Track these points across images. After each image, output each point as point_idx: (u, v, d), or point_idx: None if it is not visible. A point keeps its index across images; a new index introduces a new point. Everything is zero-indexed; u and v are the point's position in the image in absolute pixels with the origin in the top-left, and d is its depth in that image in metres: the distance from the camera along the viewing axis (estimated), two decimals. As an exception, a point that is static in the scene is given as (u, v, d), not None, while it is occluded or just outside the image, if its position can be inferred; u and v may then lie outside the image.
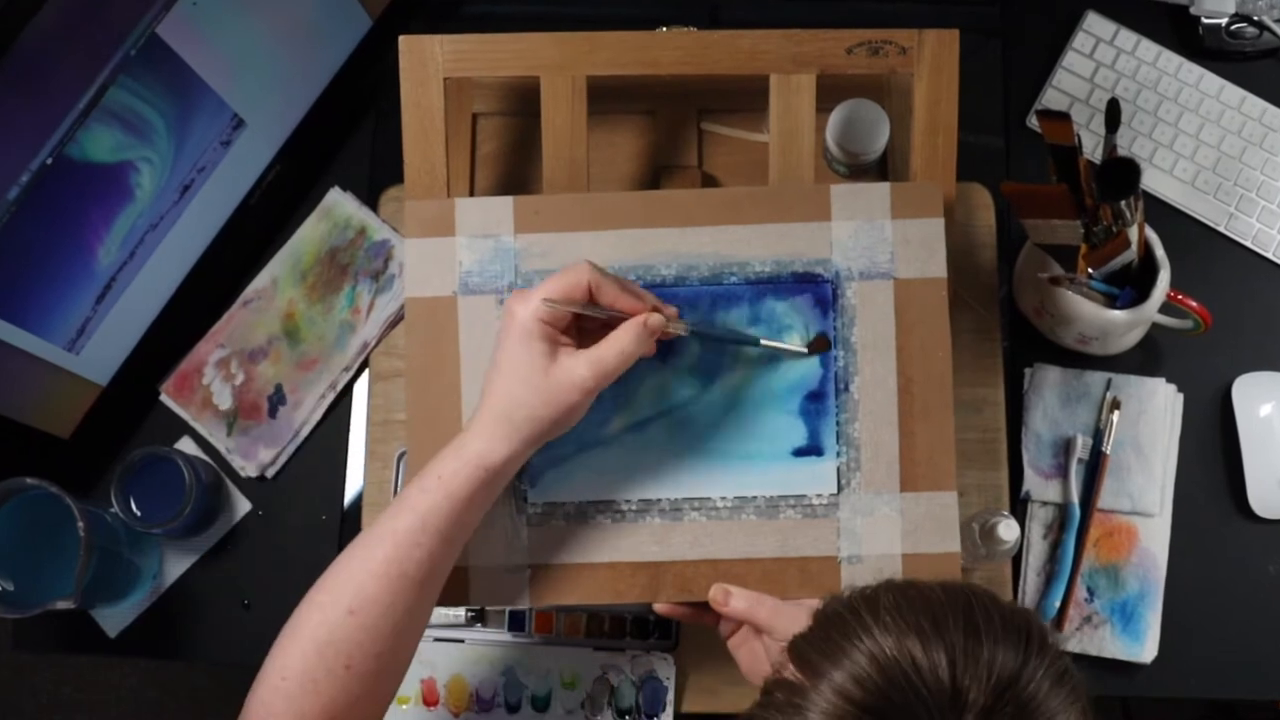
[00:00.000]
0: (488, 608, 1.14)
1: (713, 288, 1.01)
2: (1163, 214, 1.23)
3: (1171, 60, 1.26)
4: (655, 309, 0.94)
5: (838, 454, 1.00)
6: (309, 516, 1.20)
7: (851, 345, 1.00)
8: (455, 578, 0.98)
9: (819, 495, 1.00)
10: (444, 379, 1.01)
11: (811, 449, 1.00)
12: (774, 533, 1.00)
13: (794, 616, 0.93)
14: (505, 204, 1.01)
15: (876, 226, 1.00)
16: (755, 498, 1.00)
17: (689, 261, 1.01)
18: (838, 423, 1.00)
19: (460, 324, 1.01)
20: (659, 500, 1.00)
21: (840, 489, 1.00)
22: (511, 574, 1.00)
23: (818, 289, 1.00)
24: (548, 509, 1.00)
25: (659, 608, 1.00)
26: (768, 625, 0.95)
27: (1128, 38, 1.26)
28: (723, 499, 1.00)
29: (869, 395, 1.00)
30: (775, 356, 1.00)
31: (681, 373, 1.00)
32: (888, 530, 1.00)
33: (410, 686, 1.14)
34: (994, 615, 0.69)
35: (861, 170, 1.18)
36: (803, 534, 1.00)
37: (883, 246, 1.00)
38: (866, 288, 1.00)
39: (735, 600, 0.97)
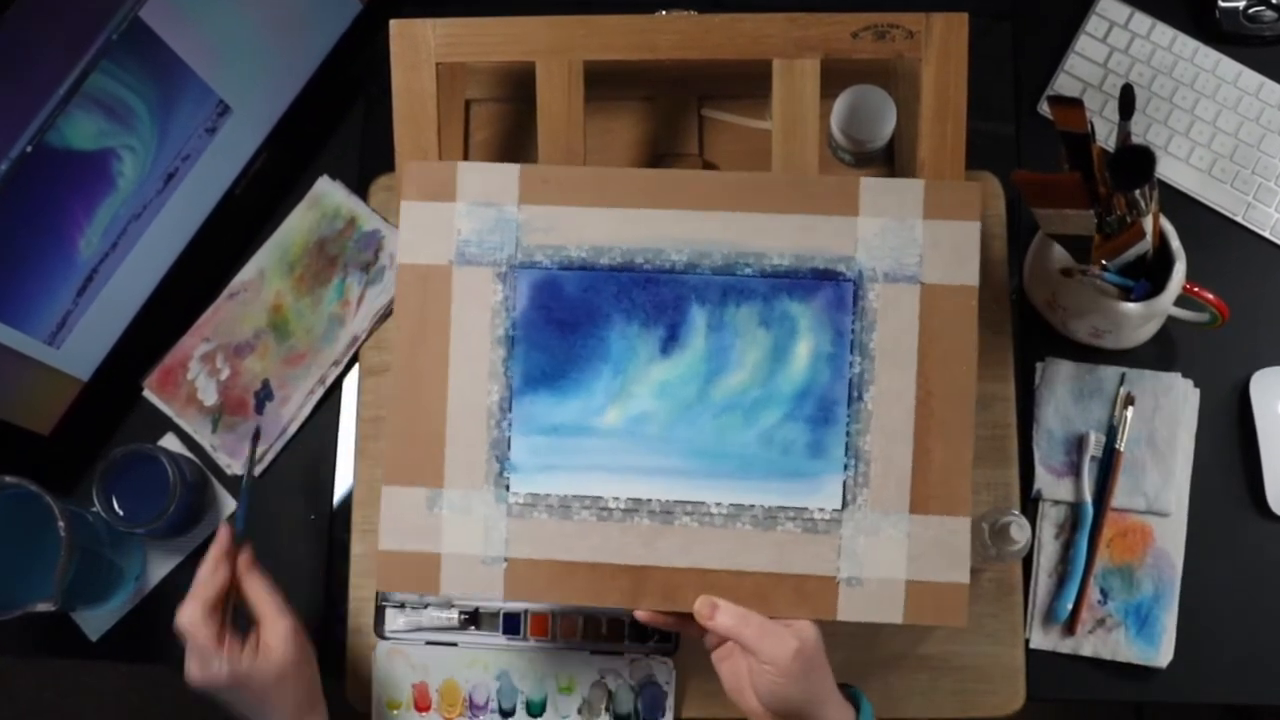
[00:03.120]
0: (457, 598, 1.13)
1: (725, 278, 0.98)
2: (1178, 203, 1.23)
3: (1188, 44, 1.26)
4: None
5: (845, 467, 0.98)
6: (297, 516, 1.20)
7: (869, 351, 0.98)
8: (425, 564, 0.98)
9: (821, 510, 0.98)
10: (433, 350, 1.00)
11: (817, 459, 0.98)
12: (770, 545, 0.98)
13: (782, 639, 0.92)
14: (511, 171, 1.00)
15: (907, 226, 0.98)
16: (753, 506, 0.98)
17: (702, 248, 0.99)
18: (848, 433, 0.98)
19: (454, 295, 1.00)
20: (650, 500, 0.99)
21: (845, 505, 0.98)
22: (487, 565, 0.99)
23: (837, 288, 0.98)
24: (530, 500, 0.99)
25: (640, 614, 0.98)
26: (753, 646, 0.92)
27: (1142, 21, 1.27)
28: (718, 505, 0.98)
29: (884, 407, 0.97)
30: (786, 356, 0.98)
31: (685, 365, 0.99)
32: (892, 553, 0.97)
33: (402, 691, 1.14)
34: None
35: (867, 159, 1.18)
36: (800, 549, 0.97)
37: (911, 248, 0.98)
38: (890, 291, 0.98)
39: (722, 615, 0.94)
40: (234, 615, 1.01)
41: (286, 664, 0.99)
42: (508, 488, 0.99)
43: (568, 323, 0.99)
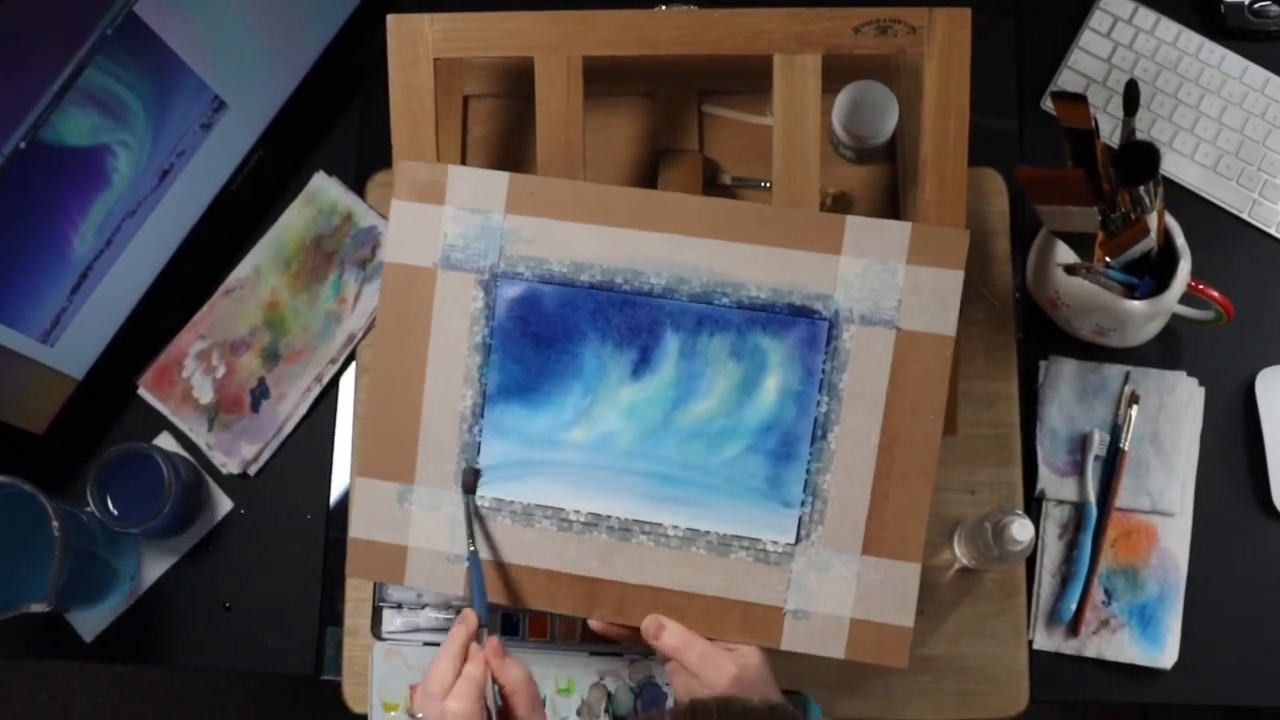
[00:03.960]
0: (421, 590, 1.14)
1: (701, 306, 0.99)
2: (1183, 200, 1.23)
3: (1192, 40, 1.26)
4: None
5: (802, 503, 0.99)
6: (293, 516, 1.20)
7: (838, 392, 0.98)
8: (392, 555, 1.01)
9: (775, 542, 0.99)
10: (411, 350, 1.01)
11: (775, 493, 0.99)
12: (721, 571, 0.99)
13: (721, 666, 0.94)
14: (500, 180, 1.00)
15: (888, 269, 0.97)
16: (708, 532, 0.99)
17: (681, 273, 0.99)
18: (808, 471, 0.98)
19: (436, 298, 1.01)
20: (609, 517, 1.00)
21: (799, 539, 0.99)
22: (451, 563, 1.01)
23: (812, 326, 0.98)
24: (495, 504, 1.01)
25: (593, 624, 1.01)
26: (694, 669, 0.95)
27: (1147, 16, 1.27)
28: (674, 528, 1.00)
29: (846, 448, 0.98)
30: (754, 389, 0.99)
31: (654, 390, 1.00)
32: (840, 591, 0.98)
33: (399, 693, 1.14)
34: None
35: (869, 155, 1.18)
36: (751, 578, 0.99)
37: (890, 292, 0.97)
38: (865, 333, 0.98)
39: (667, 636, 0.97)
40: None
41: None
42: (475, 490, 1.01)
43: (544, 336, 1.00)
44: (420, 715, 0.91)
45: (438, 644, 1.14)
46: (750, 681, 0.94)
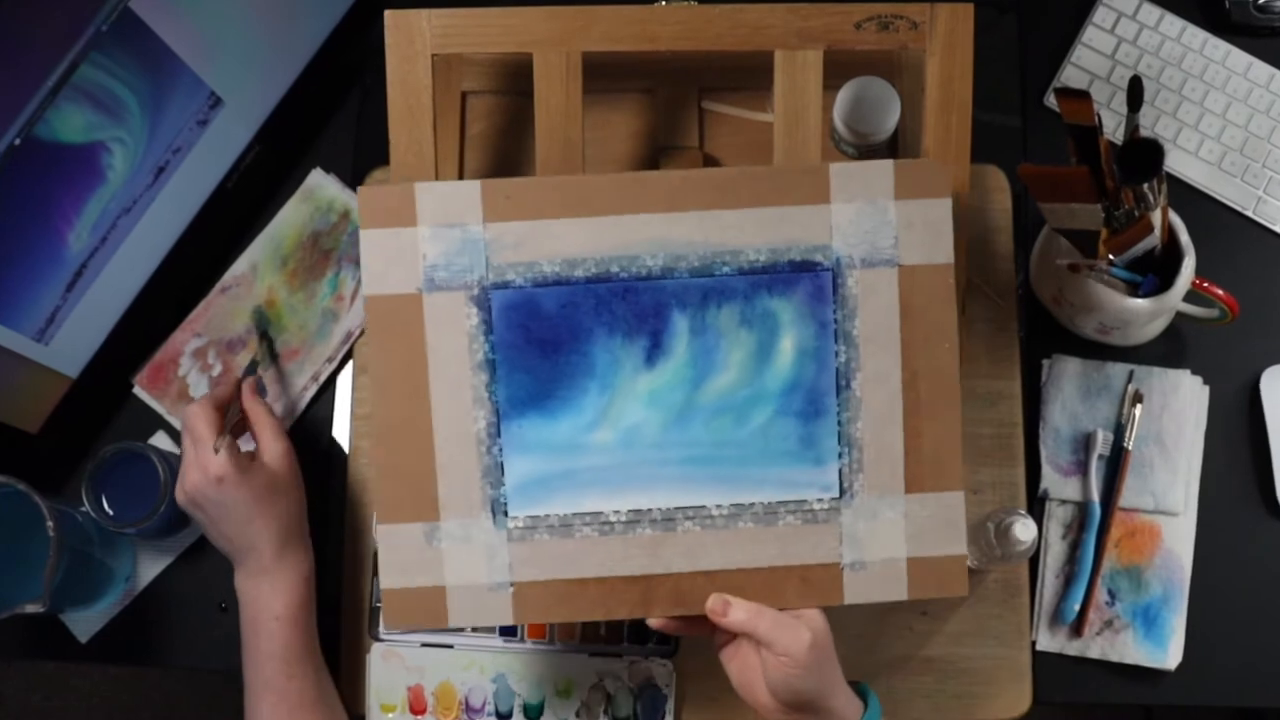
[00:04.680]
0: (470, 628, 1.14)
1: (704, 280, 0.98)
2: (1187, 197, 1.24)
3: (1197, 36, 1.26)
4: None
5: (839, 456, 0.99)
6: (290, 515, 1.20)
7: (853, 339, 0.99)
8: (431, 598, 0.98)
9: (820, 500, 0.99)
10: (411, 382, 0.98)
11: (811, 452, 0.99)
12: (772, 540, 0.99)
13: (796, 633, 0.93)
14: (472, 189, 0.98)
15: (879, 208, 0.98)
16: (753, 504, 0.99)
17: (677, 251, 0.98)
18: (839, 422, 0.99)
19: (426, 324, 0.98)
20: (650, 510, 0.99)
21: (842, 493, 0.99)
22: (494, 592, 0.98)
23: (816, 278, 0.98)
24: (530, 523, 0.98)
25: (653, 622, 0.99)
26: (768, 639, 0.94)
27: (1151, 12, 1.27)
28: (718, 507, 0.99)
29: (872, 392, 0.99)
30: (771, 353, 0.99)
31: (672, 373, 0.99)
32: (891, 535, 0.99)
33: (397, 694, 1.14)
34: None
35: (871, 151, 1.18)
36: (803, 541, 0.99)
37: (886, 230, 0.98)
38: (869, 276, 0.98)
39: (735, 612, 0.96)
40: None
41: (279, 478, 1.07)
42: (505, 513, 0.99)
43: (549, 341, 0.98)
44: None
45: (436, 645, 1.14)
46: (824, 647, 0.94)
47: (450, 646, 1.15)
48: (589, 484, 0.99)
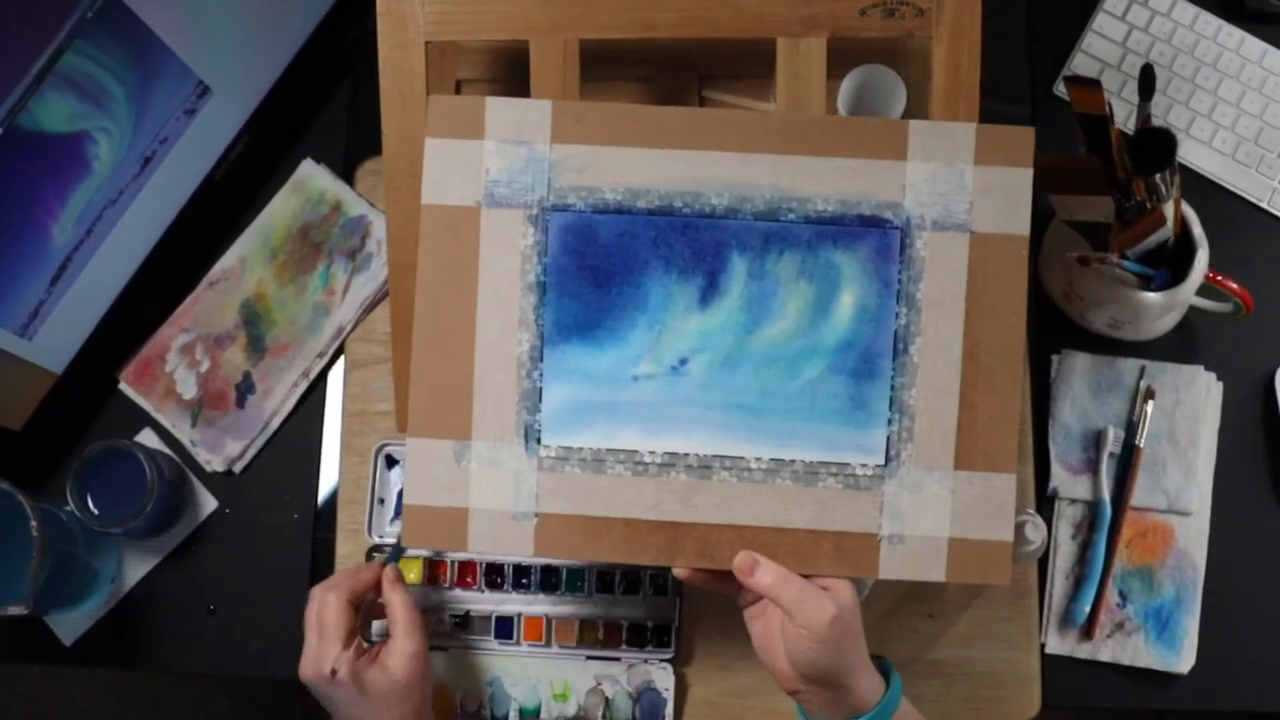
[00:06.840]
0: (485, 555, 1.14)
1: (768, 223, 0.97)
2: (1201, 188, 1.24)
3: (1210, 23, 1.26)
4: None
5: (889, 422, 0.98)
6: (279, 515, 1.20)
7: (916, 302, 0.97)
8: (453, 519, 0.97)
9: (864, 465, 0.98)
10: (460, 296, 0.98)
11: (860, 414, 0.98)
12: (811, 502, 0.98)
13: (820, 605, 0.92)
14: (543, 108, 0.98)
15: (956, 171, 0.97)
16: (793, 462, 0.98)
17: (743, 192, 0.97)
18: (892, 387, 0.97)
19: (482, 239, 0.98)
20: (686, 455, 0.98)
21: (888, 460, 0.98)
22: (517, 521, 0.98)
23: (884, 235, 0.97)
24: (562, 453, 0.98)
25: (677, 572, 0.98)
26: (790, 609, 0.93)
27: (1164, -2, 1.27)
28: (757, 460, 0.98)
29: (930, 359, 0.97)
30: (829, 306, 0.98)
31: (725, 316, 0.98)
32: (935, 510, 0.97)
33: (389, 698, 1.14)
34: None
35: (876, 141, 1.18)
36: (842, 506, 0.98)
37: (961, 194, 0.97)
38: (939, 239, 0.97)
39: (762, 573, 0.95)
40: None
41: (402, 684, 1.00)
42: (539, 440, 0.98)
43: (602, 269, 0.98)
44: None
45: (431, 647, 1.14)
46: (847, 623, 0.93)
47: (444, 649, 1.15)
48: (627, 420, 0.98)
